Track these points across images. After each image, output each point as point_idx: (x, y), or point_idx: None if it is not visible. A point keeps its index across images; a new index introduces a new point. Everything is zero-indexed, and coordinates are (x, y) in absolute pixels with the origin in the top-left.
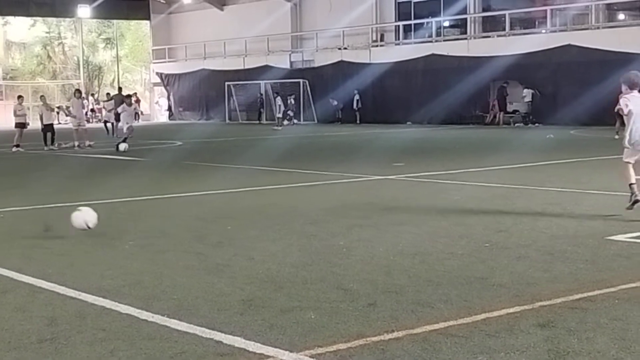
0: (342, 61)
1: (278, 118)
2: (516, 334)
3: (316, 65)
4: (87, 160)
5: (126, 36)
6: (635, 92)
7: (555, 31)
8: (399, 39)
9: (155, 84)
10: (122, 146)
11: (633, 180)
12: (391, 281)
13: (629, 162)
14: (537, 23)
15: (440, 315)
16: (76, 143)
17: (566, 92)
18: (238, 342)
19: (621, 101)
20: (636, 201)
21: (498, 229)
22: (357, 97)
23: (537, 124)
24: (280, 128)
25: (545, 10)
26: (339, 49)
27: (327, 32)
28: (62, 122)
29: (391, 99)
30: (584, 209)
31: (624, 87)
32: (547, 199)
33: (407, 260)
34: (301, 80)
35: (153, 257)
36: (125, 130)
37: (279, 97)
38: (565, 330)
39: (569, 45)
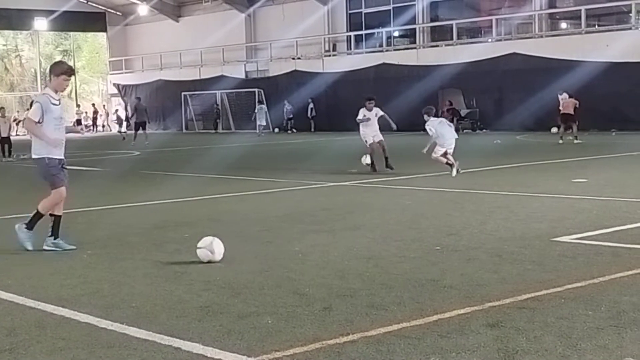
0: (295, 70)
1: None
2: (467, 334)
3: (270, 74)
4: None
5: (83, 48)
6: None
7: (500, 40)
8: (350, 49)
9: (113, 95)
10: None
11: None
12: (346, 285)
13: None
14: (483, 32)
15: (393, 317)
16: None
17: (512, 98)
18: (196, 348)
19: None
20: None
21: (448, 232)
22: (311, 105)
23: (484, 130)
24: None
25: (491, 20)
26: (293, 58)
27: (280, 42)
28: (20, 134)
29: (344, 107)
30: (530, 211)
31: None
32: (495, 203)
33: (361, 264)
34: (256, 90)
35: (111, 265)
36: None
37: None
38: (514, 329)
39: (514, 54)
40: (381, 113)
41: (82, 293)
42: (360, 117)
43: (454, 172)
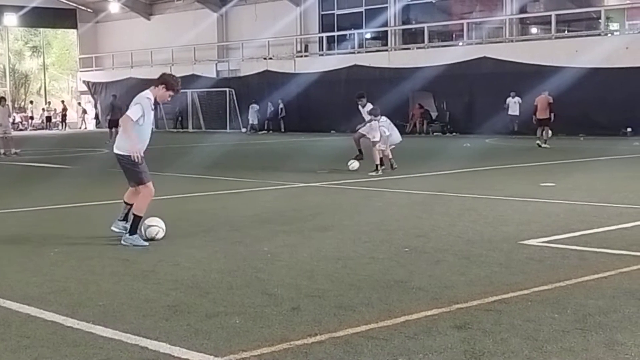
0: (267, 71)
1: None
2: (434, 335)
3: (242, 74)
4: (13, 168)
5: (53, 44)
6: None
7: (471, 44)
8: (322, 50)
9: (82, 92)
10: None
11: None
12: (314, 286)
13: None
14: (454, 36)
15: (361, 318)
16: (2, 151)
17: (482, 102)
18: (163, 347)
19: None
20: None
21: (417, 234)
22: (281, 106)
23: (454, 133)
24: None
25: (462, 24)
26: (265, 58)
27: (252, 42)
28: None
29: (315, 108)
30: (498, 214)
31: None
32: (464, 205)
33: (330, 265)
34: (227, 90)
35: (79, 263)
36: None
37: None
38: (480, 331)
39: (485, 58)
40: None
41: (48, 291)
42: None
43: (380, 172)
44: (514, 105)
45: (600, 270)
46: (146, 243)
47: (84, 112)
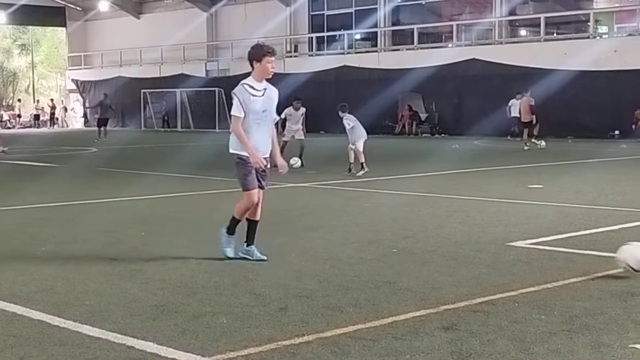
0: None
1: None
2: (421, 336)
3: (232, 74)
4: (1, 166)
5: (42, 42)
6: None
7: (461, 46)
8: (312, 50)
9: (71, 91)
10: None
11: None
12: (302, 286)
13: None
14: (444, 38)
15: (349, 319)
16: None
17: (471, 104)
18: (150, 347)
19: None
20: None
21: (405, 235)
22: None
23: (443, 135)
24: None
25: (452, 26)
26: None
27: (242, 42)
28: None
29: (305, 108)
30: (486, 216)
31: None
32: (452, 207)
33: (318, 265)
34: (217, 89)
35: (66, 263)
36: None
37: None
38: (468, 332)
39: (474, 60)
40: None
41: (35, 290)
42: (283, 115)
43: (362, 172)
44: (516, 107)
45: (587, 272)
46: (264, 257)
47: (65, 110)
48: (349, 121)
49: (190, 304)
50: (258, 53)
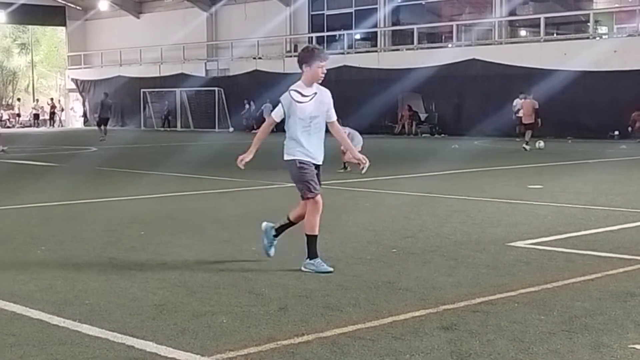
0: (256, 70)
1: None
2: (421, 336)
3: (231, 74)
4: (1, 165)
5: (41, 42)
6: None
7: (460, 46)
8: None
9: (71, 90)
10: None
11: None
12: (302, 285)
13: None
14: (444, 38)
15: (349, 318)
16: None
17: (470, 104)
18: (150, 346)
19: None
20: None
21: (405, 235)
22: (264, 105)
23: (442, 135)
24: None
25: (452, 26)
26: (254, 58)
27: (242, 42)
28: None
29: None
30: (486, 216)
31: None
32: (452, 207)
33: None
34: (216, 89)
35: (65, 262)
36: None
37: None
38: (467, 332)
39: (474, 60)
40: None
41: (34, 289)
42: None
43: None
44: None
45: (586, 272)
46: (331, 268)
47: (61, 110)
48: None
49: (190, 303)
50: (309, 57)
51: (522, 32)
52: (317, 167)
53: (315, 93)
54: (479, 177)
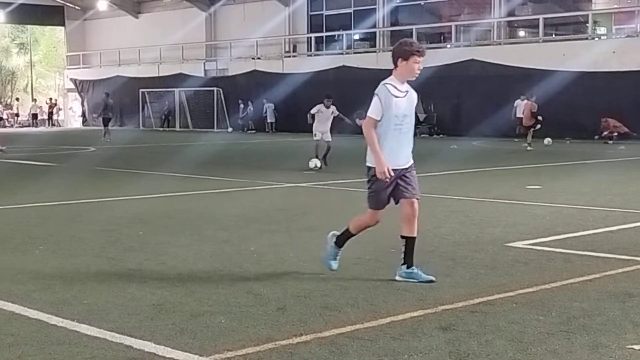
0: (255, 70)
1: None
2: (419, 336)
3: (230, 74)
4: None
5: (40, 42)
6: None
7: (459, 46)
8: (311, 50)
9: (69, 90)
10: None
11: None
12: (301, 286)
13: None
14: (442, 38)
15: (347, 319)
16: None
17: (469, 104)
18: (148, 346)
19: None
20: None
21: None
22: (267, 105)
23: (441, 135)
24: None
25: (450, 27)
26: (253, 58)
27: (241, 42)
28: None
29: (303, 108)
30: (484, 216)
31: None
32: (450, 207)
33: (316, 265)
34: (215, 89)
35: (64, 262)
36: None
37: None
38: (466, 333)
39: (472, 60)
40: (337, 113)
41: (33, 289)
42: (314, 110)
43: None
44: (521, 108)
45: (585, 273)
46: (432, 277)
47: (59, 109)
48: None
49: (188, 303)
50: (406, 51)
51: (521, 33)
52: (405, 170)
53: (408, 91)
54: (477, 177)
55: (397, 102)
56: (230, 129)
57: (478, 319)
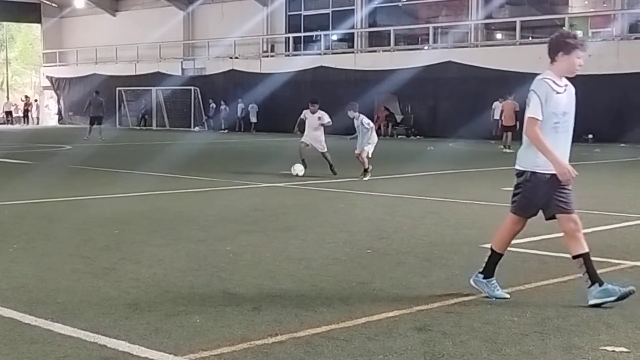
0: (233, 70)
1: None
2: (394, 337)
3: (208, 73)
4: None
5: (16, 38)
6: None
7: (436, 48)
8: (289, 51)
9: (46, 88)
10: None
11: None
12: (276, 286)
13: None
14: (420, 40)
15: (322, 319)
16: None
17: (446, 106)
18: (122, 346)
19: None
20: None
21: (380, 235)
22: (241, 105)
23: (418, 136)
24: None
25: (428, 28)
26: (231, 58)
27: (219, 41)
28: None
29: (281, 108)
30: (460, 218)
31: None
32: (426, 208)
33: (292, 265)
34: (192, 88)
35: (38, 260)
36: None
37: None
38: (440, 333)
39: (450, 62)
40: (326, 121)
41: (6, 287)
42: (302, 116)
43: (368, 176)
44: (499, 110)
45: (559, 274)
46: (506, 295)
47: (35, 107)
48: (370, 122)
49: (163, 302)
50: (569, 44)
51: (498, 36)
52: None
53: (567, 85)
54: (453, 179)
55: (557, 99)
56: (196, 129)
57: (453, 320)
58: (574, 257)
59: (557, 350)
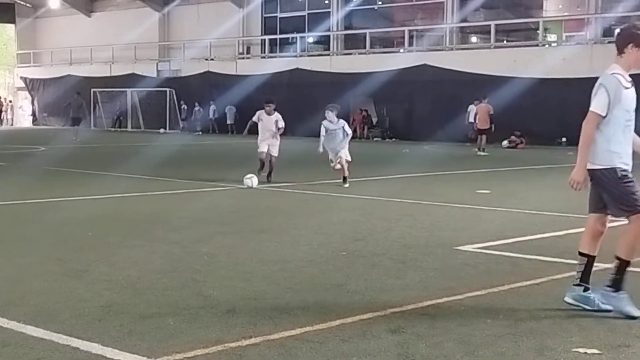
0: (208, 72)
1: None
2: (369, 339)
3: (183, 75)
4: None
5: None
6: None
7: (412, 51)
8: (265, 53)
9: (20, 89)
10: None
11: None
12: (251, 288)
13: None
14: (395, 43)
15: (297, 321)
16: None
17: (421, 109)
18: (95, 348)
19: None
20: None
21: (355, 238)
22: (213, 107)
23: (393, 139)
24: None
25: (403, 31)
26: (206, 59)
27: (194, 43)
28: None
29: (257, 110)
30: (434, 220)
31: None
32: (402, 211)
33: (267, 267)
34: (168, 90)
35: (10, 262)
36: None
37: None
38: (414, 335)
39: (425, 65)
40: (282, 124)
41: None
42: (255, 118)
43: (348, 184)
44: (473, 113)
45: (532, 276)
46: (609, 307)
47: (10, 108)
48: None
49: (137, 304)
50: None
51: (473, 39)
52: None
53: (632, 82)
54: (428, 181)
55: (626, 94)
56: (162, 130)
57: (427, 322)
58: (581, 254)
59: (530, 352)
